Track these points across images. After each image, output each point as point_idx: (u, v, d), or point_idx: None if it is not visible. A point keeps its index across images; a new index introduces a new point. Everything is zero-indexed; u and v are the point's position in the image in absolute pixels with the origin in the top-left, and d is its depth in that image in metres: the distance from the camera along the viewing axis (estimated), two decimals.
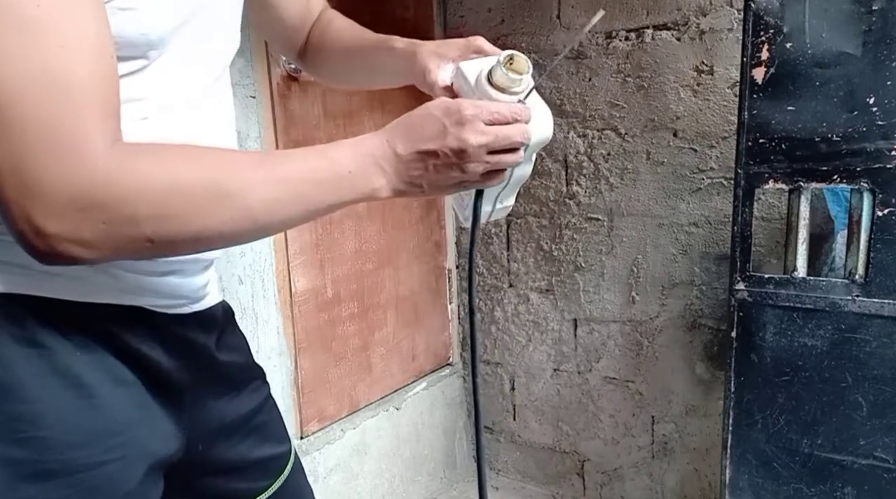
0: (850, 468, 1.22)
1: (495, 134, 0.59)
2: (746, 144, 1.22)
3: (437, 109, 0.59)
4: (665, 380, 1.87)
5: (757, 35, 1.18)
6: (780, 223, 1.59)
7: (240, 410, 0.78)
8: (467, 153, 0.58)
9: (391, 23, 1.88)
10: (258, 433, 0.80)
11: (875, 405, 1.18)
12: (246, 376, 0.81)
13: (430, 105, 0.60)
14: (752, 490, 1.31)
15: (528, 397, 2.13)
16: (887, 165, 1.12)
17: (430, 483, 2.13)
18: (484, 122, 0.59)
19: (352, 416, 1.84)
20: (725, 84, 1.65)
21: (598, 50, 1.81)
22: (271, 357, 1.57)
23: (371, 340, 1.89)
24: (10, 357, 0.55)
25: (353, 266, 1.80)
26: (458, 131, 0.58)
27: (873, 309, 1.16)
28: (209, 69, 0.66)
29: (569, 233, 1.95)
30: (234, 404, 0.77)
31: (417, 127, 0.59)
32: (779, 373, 1.25)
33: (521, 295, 2.08)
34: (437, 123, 0.58)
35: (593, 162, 1.87)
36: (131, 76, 0.57)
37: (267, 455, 0.81)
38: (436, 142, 0.58)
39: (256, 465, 0.80)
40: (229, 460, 0.77)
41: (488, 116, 0.59)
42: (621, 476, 2.00)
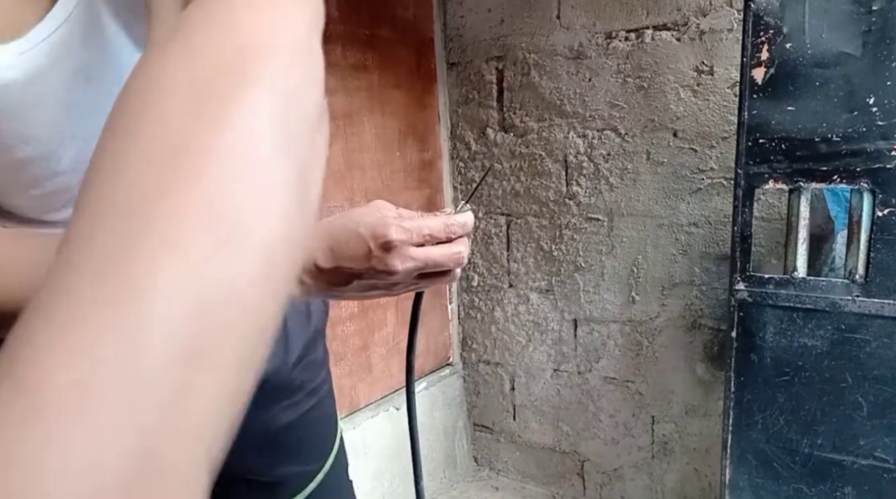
0: (850, 468, 1.22)
1: (424, 259, 0.55)
2: (746, 144, 1.22)
3: (364, 229, 0.54)
4: (665, 380, 1.87)
5: (757, 35, 1.18)
6: (780, 223, 1.59)
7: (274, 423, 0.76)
8: (393, 278, 0.55)
9: (391, 23, 1.88)
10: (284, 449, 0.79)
11: (875, 405, 1.18)
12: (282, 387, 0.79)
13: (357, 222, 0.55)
14: (752, 490, 1.31)
15: (528, 397, 2.13)
16: (887, 165, 1.12)
17: (430, 483, 2.13)
18: (413, 244, 0.54)
19: (352, 416, 1.84)
20: (725, 84, 1.65)
21: (598, 50, 1.81)
22: None
23: (371, 341, 1.89)
24: None
25: None
26: (384, 256, 0.54)
27: (873, 309, 1.16)
28: None
29: (569, 233, 1.95)
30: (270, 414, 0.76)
31: (343, 244, 0.54)
32: (779, 373, 1.25)
33: (521, 295, 2.08)
34: (363, 245, 0.54)
35: (593, 162, 1.87)
36: None
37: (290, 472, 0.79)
38: (359, 263, 0.54)
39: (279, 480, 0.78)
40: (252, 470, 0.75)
41: (418, 239, 0.54)
42: (621, 476, 2.00)
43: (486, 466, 2.28)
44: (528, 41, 1.92)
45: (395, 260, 0.53)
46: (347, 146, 1.74)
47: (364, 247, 0.54)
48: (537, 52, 1.91)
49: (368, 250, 0.53)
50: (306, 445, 0.81)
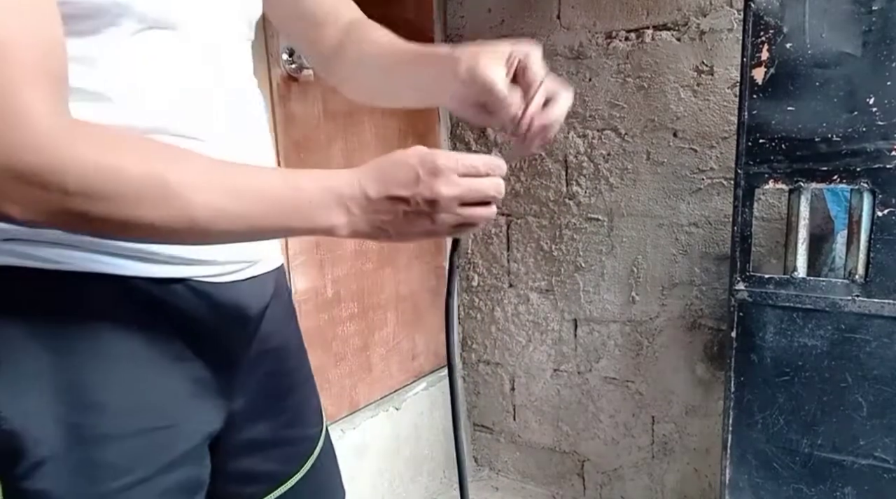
0: (850, 468, 1.22)
1: (468, 186, 0.58)
2: (746, 144, 1.22)
3: (412, 157, 0.58)
4: (665, 380, 1.87)
5: (757, 35, 1.18)
6: (780, 223, 1.59)
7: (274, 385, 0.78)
8: (439, 204, 0.58)
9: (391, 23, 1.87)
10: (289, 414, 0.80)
11: (875, 405, 1.18)
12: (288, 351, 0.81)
13: (405, 152, 0.59)
14: (752, 490, 1.31)
15: (528, 396, 2.13)
16: (887, 165, 1.12)
17: (430, 483, 2.13)
18: (458, 174, 0.58)
19: (352, 416, 1.84)
20: (725, 84, 1.65)
21: (598, 50, 1.81)
22: None
23: (371, 341, 1.89)
24: (80, 330, 0.58)
25: (353, 266, 1.80)
26: (431, 181, 0.57)
27: (873, 309, 1.16)
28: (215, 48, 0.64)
29: (569, 233, 1.95)
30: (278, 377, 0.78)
31: (391, 172, 0.58)
32: (779, 373, 1.25)
33: (521, 295, 2.08)
34: (411, 171, 0.57)
35: (593, 162, 1.87)
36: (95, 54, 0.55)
37: (294, 437, 0.81)
38: (408, 189, 0.57)
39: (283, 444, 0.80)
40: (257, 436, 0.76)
41: (463, 169, 0.58)
42: (621, 476, 2.00)
43: (486, 466, 2.28)
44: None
45: (440, 184, 0.57)
46: (347, 146, 1.74)
47: (413, 172, 0.57)
48: None
49: (417, 176, 0.57)
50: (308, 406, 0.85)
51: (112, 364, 0.60)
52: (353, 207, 0.57)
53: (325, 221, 0.57)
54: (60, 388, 0.57)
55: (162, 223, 0.51)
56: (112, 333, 0.60)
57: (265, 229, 0.57)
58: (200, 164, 0.54)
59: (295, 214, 0.56)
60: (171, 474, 0.63)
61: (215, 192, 0.53)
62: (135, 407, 0.61)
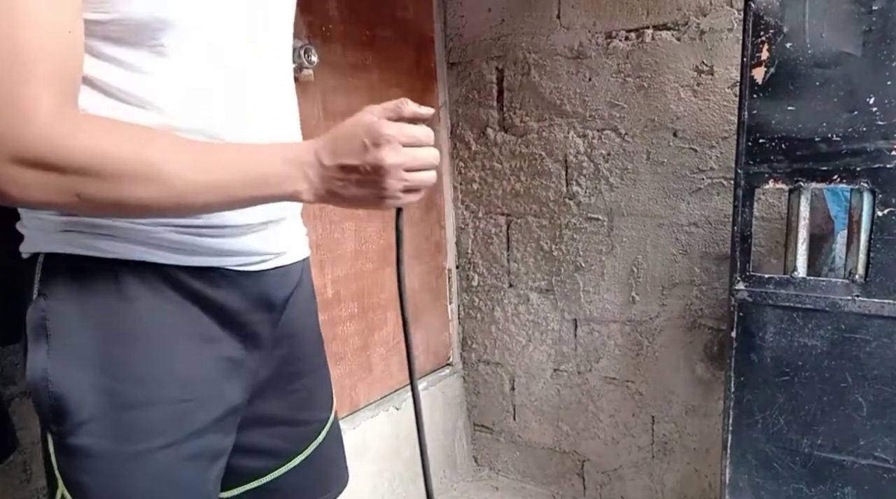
0: (850, 468, 1.22)
1: (411, 155, 0.65)
2: (746, 144, 1.22)
3: (360, 128, 0.64)
4: (665, 380, 1.87)
5: (757, 35, 1.18)
6: (780, 223, 1.59)
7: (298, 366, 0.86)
8: (385, 170, 0.63)
9: (391, 23, 1.88)
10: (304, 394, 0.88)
11: (875, 405, 1.18)
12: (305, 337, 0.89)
13: (355, 122, 0.65)
14: (752, 490, 1.31)
15: (528, 397, 2.13)
16: (887, 165, 1.12)
17: None
18: (401, 143, 0.64)
19: (352, 416, 1.84)
20: (725, 84, 1.65)
21: (598, 50, 1.81)
22: None
23: (371, 341, 1.89)
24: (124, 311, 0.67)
25: (353, 266, 1.80)
26: (376, 151, 0.63)
27: (873, 309, 1.16)
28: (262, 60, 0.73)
29: (569, 233, 1.95)
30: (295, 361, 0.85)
31: (342, 142, 0.64)
32: (779, 373, 1.25)
33: (521, 295, 2.08)
34: (358, 141, 0.63)
35: (593, 162, 1.87)
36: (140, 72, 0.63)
37: (304, 419, 0.88)
38: (357, 158, 0.63)
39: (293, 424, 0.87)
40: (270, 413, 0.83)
41: (405, 139, 0.64)
42: (621, 476, 2.00)
43: (486, 466, 2.28)
44: (528, 41, 1.92)
45: (385, 153, 0.63)
46: None
47: (360, 142, 0.63)
48: (537, 51, 1.91)
49: (364, 145, 0.63)
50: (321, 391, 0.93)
51: (149, 342, 0.68)
52: (311, 174, 0.64)
53: (290, 188, 0.64)
54: (102, 361, 0.66)
55: (151, 200, 0.58)
56: (151, 315, 0.68)
57: (240, 199, 0.63)
58: (179, 143, 0.61)
59: (264, 183, 0.63)
60: (196, 441, 0.70)
61: (194, 168, 0.59)
62: (167, 380, 0.69)
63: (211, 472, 0.74)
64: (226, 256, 0.71)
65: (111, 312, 0.66)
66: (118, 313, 0.67)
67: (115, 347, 0.66)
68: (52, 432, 0.67)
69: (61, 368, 0.65)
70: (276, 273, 0.78)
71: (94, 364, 0.66)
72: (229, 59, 0.69)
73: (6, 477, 1.17)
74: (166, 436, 0.69)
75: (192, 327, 0.71)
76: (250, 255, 0.74)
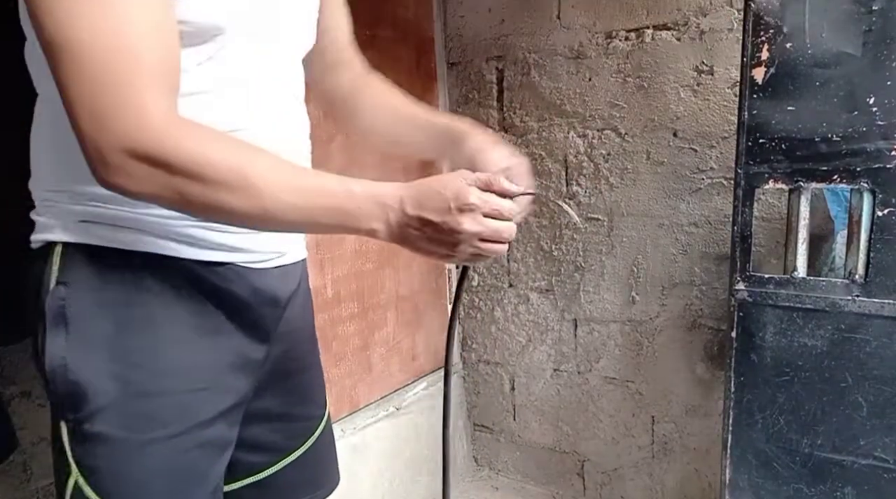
0: (850, 468, 1.22)
1: (489, 227, 0.67)
2: (746, 144, 1.22)
3: (448, 190, 0.66)
4: (665, 380, 1.87)
5: (757, 35, 1.18)
6: (780, 223, 1.59)
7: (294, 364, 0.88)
8: (461, 236, 0.66)
9: (391, 23, 1.88)
10: (300, 392, 0.90)
11: (875, 405, 1.18)
12: (303, 334, 0.92)
13: (444, 182, 0.67)
14: (752, 490, 1.31)
15: (528, 397, 2.13)
16: (887, 165, 1.12)
17: (430, 483, 2.13)
18: (483, 213, 0.66)
19: (352, 416, 1.84)
20: (725, 84, 1.65)
21: (598, 50, 1.81)
22: None
23: (371, 341, 1.89)
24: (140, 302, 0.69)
25: (353, 266, 1.80)
26: (459, 216, 0.65)
27: (873, 309, 1.16)
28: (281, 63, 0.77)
29: (569, 233, 1.95)
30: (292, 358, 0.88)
31: (428, 197, 0.66)
32: (779, 373, 1.25)
33: (521, 295, 2.08)
34: (444, 202, 0.66)
35: (593, 162, 1.87)
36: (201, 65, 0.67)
37: (301, 414, 0.91)
38: (439, 216, 0.66)
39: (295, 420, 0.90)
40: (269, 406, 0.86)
41: (489, 210, 0.67)
42: (621, 476, 2.00)
43: (486, 466, 2.28)
44: (528, 41, 1.92)
45: (466, 221, 0.66)
46: (348, 141, 1.74)
47: (445, 204, 0.66)
48: (537, 51, 1.91)
49: (448, 208, 0.66)
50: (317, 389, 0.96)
51: (163, 333, 0.70)
52: (392, 218, 0.66)
53: (368, 225, 0.67)
54: (119, 350, 0.68)
55: (240, 209, 0.62)
56: (166, 307, 0.70)
57: (321, 226, 0.67)
58: (276, 163, 0.64)
59: (346, 216, 0.66)
60: (206, 431, 0.73)
61: (285, 189, 0.63)
62: (179, 370, 0.71)
63: (219, 463, 0.76)
64: (237, 252, 0.74)
65: (127, 302, 0.69)
66: (134, 304, 0.69)
67: (130, 337, 0.69)
68: (68, 419, 0.68)
69: (80, 356, 0.67)
70: (279, 272, 0.81)
71: (110, 353, 0.68)
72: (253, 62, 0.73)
73: (6, 477, 1.17)
74: (177, 425, 0.71)
75: (205, 320, 0.73)
76: (258, 252, 0.77)
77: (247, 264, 0.76)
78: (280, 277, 0.81)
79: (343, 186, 0.66)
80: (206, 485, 0.75)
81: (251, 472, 0.87)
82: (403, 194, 0.67)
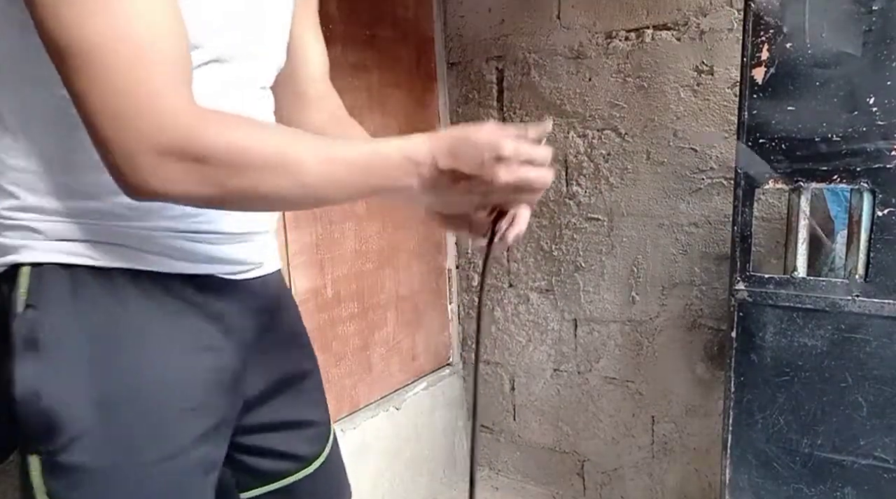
0: (850, 468, 1.22)
1: (524, 177, 0.66)
2: (746, 144, 1.22)
3: (482, 140, 0.64)
4: (665, 380, 1.87)
5: (757, 35, 1.18)
6: (780, 223, 1.59)
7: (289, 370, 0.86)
8: (495, 187, 0.65)
9: (391, 22, 1.88)
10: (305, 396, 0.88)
11: (875, 405, 1.18)
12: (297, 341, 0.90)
13: (478, 132, 0.65)
14: (752, 490, 1.31)
15: (528, 397, 2.13)
16: (887, 165, 1.12)
17: (430, 483, 2.13)
18: (518, 163, 0.65)
19: (352, 416, 1.84)
20: (725, 84, 1.65)
21: (598, 50, 1.81)
22: None
23: (371, 341, 1.89)
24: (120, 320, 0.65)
25: (353, 266, 1.80)
26: (494, 167, 0.64)
27: (873, 309, 1.16)
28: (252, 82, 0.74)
29: (569, 233, 1.95)
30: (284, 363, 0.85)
31: (461, 150, 0.65)
32: (779, 373, 1.25)
33: (521, 295, 2.08)
34: (478, 152, 0.64)
35: (593, 162, 1.87)
36: None
37: (313, 419, 0.89)
38: (472, 169, 0.64)
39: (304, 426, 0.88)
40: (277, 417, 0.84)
41: (524, 157, 0.65)
42: (621, 476, 2.00)
43: (486, 466, 2.28)
44: (528, 41, 1.92)
45: (501, 172, 0.64)
46: None
47: (480, 156, 0.64)
48: (537, 51, 1.91)
49: (482, 160, 0.64)
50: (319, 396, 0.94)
51: (145, 351, 0.66)
52: (425, 172, 0.65)
53: (404, 183, 0.66)
54: (97, 372, 0.64)
55: (283, 190, 0.60)
56: (147, 324, 0.67)
57: (360, 191, 0.66)
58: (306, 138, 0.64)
59: (381, 177, 0.65)
60: (192, 453, 0.69)
61: (321, 163, 0.61)
62: (163, 390, 0.67)
63: (207, 485, 0.73)
64: (217, 264, 0.72)
65: (105, 321, 0.64)
66: (112, 323, 0.65)
67: (110, 358, 0.64)
68: (41, 451, 0.63)
69: (54, 382, 0.62)
70: (260, 282, 0.79)
71: (88, 376, 0.63)
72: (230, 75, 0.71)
73: (6, 477, 1.17)
74: (162, 450, 0.67)
75: (188, 336, 0.70)
76: (238, 263, 0.75)
77: (229, 276, 0.74)
78: (262, 288, 0.79)
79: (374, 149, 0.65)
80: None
81: (275, 478, 0.86)
82: (433, 147, 0.65)
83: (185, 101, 0.57)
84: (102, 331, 0.64)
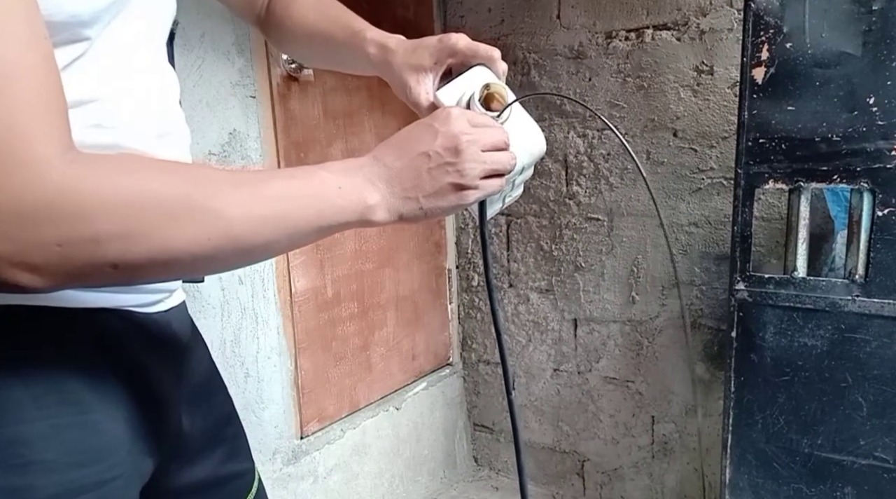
0: (850, 468, 1.22)
1: (483, 132, 0.59)
2: (746, 144, 1.22)
3: (422, 119, 0.59)
4: (665, 380, 1.87)
5: (757, 35, 1.18)
6: (780, 223, 1.59)
7: (210, 419, 0.73)
8: (460, 150, 0.57)
9: (391, 22, 1.88)
10: (227, 446, 0.75)
11: (875, 405, 1.18)
12: (216, 382, 0.77)
13: (417, 120, 0.60)
14: (752, 490, 1.31)
15: (528, 397, 2.13)
16: (887, 165, 1.12)
17: (430, 483, 2.13)
18: (471, 123, 0.59)
19: (352, 416, 1.84)
20: (725, 84, 1.65)
21: (598, 50, 1.81)
22: (271, 357, 1.57)
23: (371, 340, 1.89)
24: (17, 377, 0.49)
25: (353, 266, 1.80)
26: (447, 127, 0.57)
27: (873, 309, 1.16)
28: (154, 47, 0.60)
29: (569, 233, 1.95)
30: (206, 413, 0.72)
31: (405, 137, 0.58)
32: (779, 373, 1.25)
33: (521, 295, 2.08)
34: (426, 128, 0.58)
35: (593, 162, 1.87)
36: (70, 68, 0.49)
37: (235, 471, 0.76)
38: (426, 143, 0.57)
39: (225, 482, 0.75)
40: (198, 477, 0.71)
41: (474, 119, 0.60)
42: (621, 476, 2.00)
43: (486, 466, 2.28)
44: (528, 41, 1.92)
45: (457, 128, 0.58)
46: (347, 146, 1.74)
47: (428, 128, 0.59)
48: (537, 51, 1.91)
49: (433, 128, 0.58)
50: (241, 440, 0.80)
51: (53, 413, 0.51)
52: (379, 182, 0.56)
53: (360, 204, 0.54)
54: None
55: (203, 249, 0.46)
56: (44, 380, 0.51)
57: (305, 230, 0.52)
58: (222, 177, 0.49)
59: (329, 206, 0.53)
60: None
61: (248, 203, 0.48)
62: (79, 461, 0.52)
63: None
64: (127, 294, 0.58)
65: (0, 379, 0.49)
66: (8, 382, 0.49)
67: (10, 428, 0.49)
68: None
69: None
70: (173, 314, 0.66)
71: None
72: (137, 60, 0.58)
73: None
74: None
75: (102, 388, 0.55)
76: (150, 292, 0.61)
77: (139, 309, 0.59)
78: (177, 319, 0.66)
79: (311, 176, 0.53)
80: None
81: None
82: (375, 153, 0.57)
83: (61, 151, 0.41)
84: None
